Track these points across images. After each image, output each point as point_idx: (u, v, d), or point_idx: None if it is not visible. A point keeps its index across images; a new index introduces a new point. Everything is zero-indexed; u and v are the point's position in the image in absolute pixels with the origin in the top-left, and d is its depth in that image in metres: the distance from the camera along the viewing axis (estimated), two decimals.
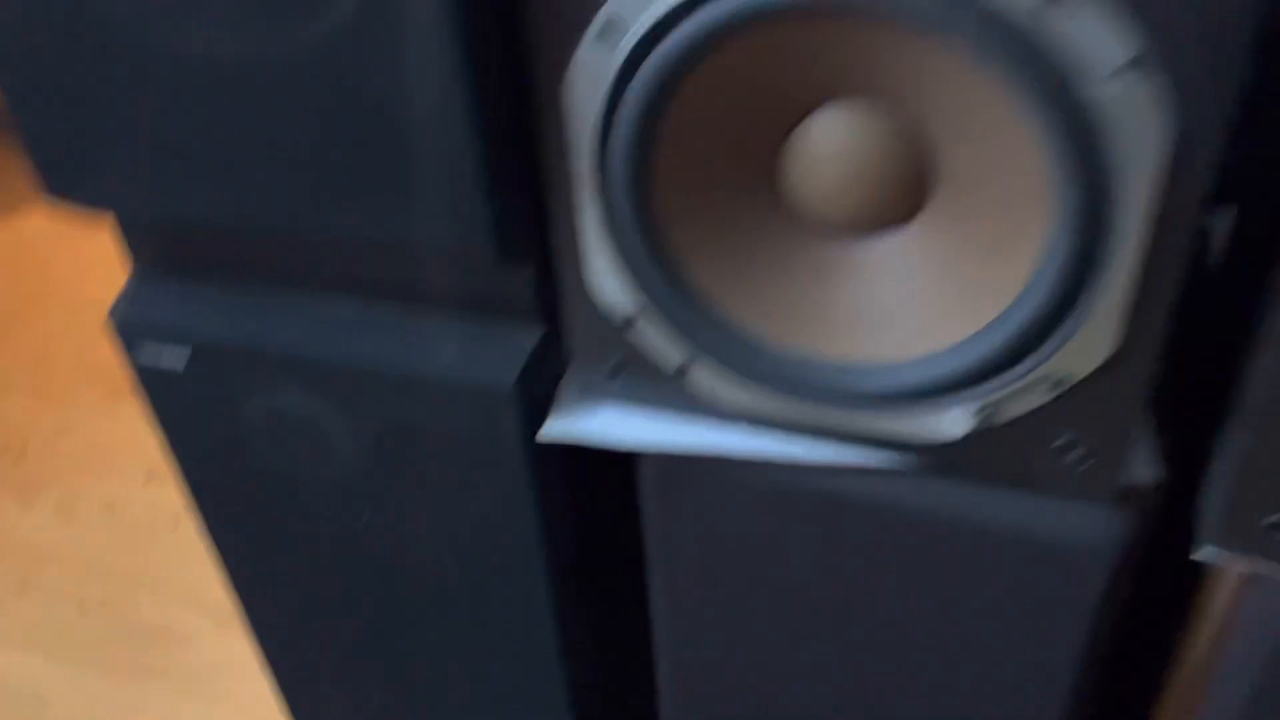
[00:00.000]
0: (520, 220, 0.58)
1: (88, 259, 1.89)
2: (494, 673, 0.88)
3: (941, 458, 0.59)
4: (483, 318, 0.65)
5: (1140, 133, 0.44)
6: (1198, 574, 0.69)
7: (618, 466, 0.70)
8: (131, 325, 0.71)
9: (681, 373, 0.61)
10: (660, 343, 0.60)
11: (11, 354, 1.64)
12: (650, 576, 0.73)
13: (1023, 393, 0.54)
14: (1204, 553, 0.55)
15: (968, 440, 0.57)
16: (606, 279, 0.58)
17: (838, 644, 0.71)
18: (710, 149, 0.54)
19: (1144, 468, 0.58)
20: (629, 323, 0.60)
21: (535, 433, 0.66)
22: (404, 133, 0.54)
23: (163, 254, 0.71)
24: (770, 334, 0.58)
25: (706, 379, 0.60)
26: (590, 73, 0.51)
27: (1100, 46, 0.43)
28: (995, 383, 0.54)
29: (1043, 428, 0.56)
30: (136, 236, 0.70)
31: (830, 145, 0.52)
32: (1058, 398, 0.54)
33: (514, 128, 0.55)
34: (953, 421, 0.57)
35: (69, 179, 0.63)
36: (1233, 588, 0.61)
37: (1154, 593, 0.72)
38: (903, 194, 0.53)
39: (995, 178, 0.50)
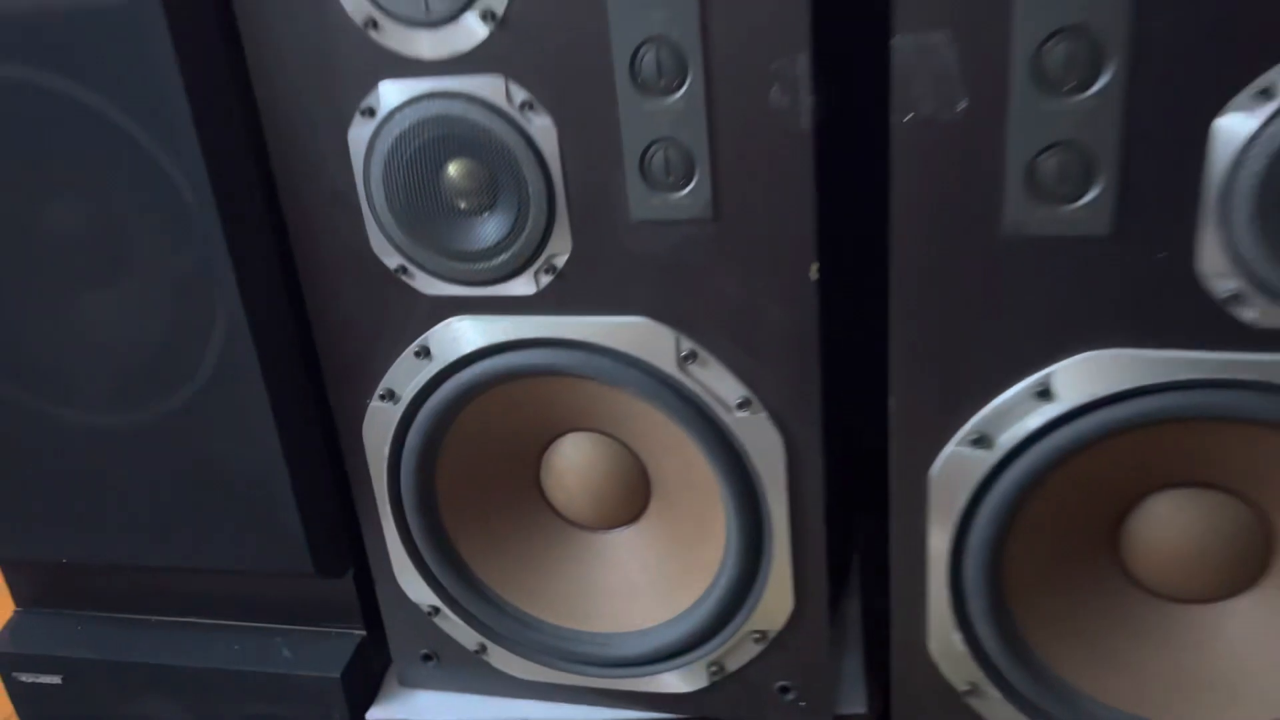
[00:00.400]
0: (334, 544, 0.72)
1: None
2: None
3: (692, 706, 0.71)
4: (315, 623, 0.77)
5: (766, 449, 0.61)
6: None
7: None
8: (10, 658, 0.82)
9: (479, 654, 0.74)
10: (459, 632, 0.73)
11: None
12: None
13: (737, 648, 0.68)
14: None
15: (710, 690, 0.70)
16: (411, 581, 0.72)
17: None
18: (481, 473, 0.70)
19: (853, 701, 0.71)
20: (434, 611, 0.73)
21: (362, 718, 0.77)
22: (234, 482, 0.69)
23: (39, 593, 0.83)
24: (545, 616, 0.72)
25: (499, 658, 0.73)
26: (379, 425, 0.67)
27: (724, 389, 0.60)
28: (715, 641, 0.68)
29: (763, 675, 0.69)
30: (16, 578, 0.82)
31: (571, 463, 0.69)
32: (766, 649, 0.68)
33: (324, 471, 0.71)
34: (693, 676, 0.70)
35: None
36: None
37: None
38: (627, 500, 0.69)
39: (687, 487, 0.66)
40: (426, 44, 0.55)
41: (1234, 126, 0.46)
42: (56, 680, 0.81)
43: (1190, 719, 0.59)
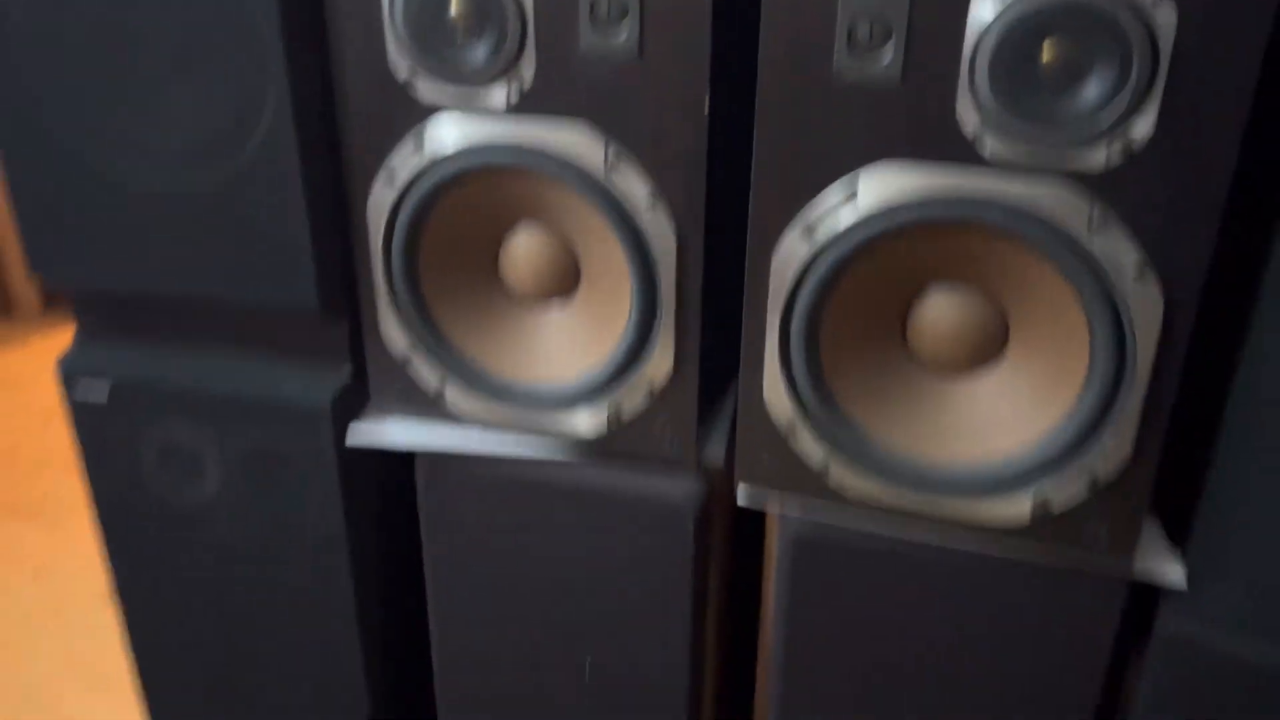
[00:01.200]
0: (335, 291, 0.95)
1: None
2: (308, 663, 1.16)
3: (601, 446, 0.94)
4: (312, 362, 1.00)
5: (663, 240, 0.83)
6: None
7: (406, 475, 1.03)
8: (71, 369, 1.04)
9: (438, 395, 0.96)
10: (426, 373, 0.96)
11: None
12: (425, 562, 1.06)
13: (631, 396, 0.91)
14: (741, 494, 0.91)
15: (611, 433, 0.93)
16: (392, 331, 0.95)
17: (543, 604, 1.03)
18: (454, 250, 0.92)
19: (716, 454, 0.94)
20: (406, 360, 0.96)
21: (344, 446, 1.00)
22: (267, 235, 0.91)
23: (95, 323, 1.05)
24: (491, 368, 0.95)
25: (454, 398, 0.96)
26: (379, 201, 0.89)
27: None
28: (615, 388, 0.91)
29: (647, 421, 0.92)
30: (83, 307, 1.04)
31: (520, 248, 0.91)
32: (652, 401, 0.91)
33: (334, 237, 0.93)
34: (597, 418, 0.93)
35: (45, 262, 0.98)
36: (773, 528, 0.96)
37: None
38: (560, 280, 0.91)
39: (606, 271, 0.88)
40: None
41: (981, 14, 0.69)
42: (103, 401, 1.03)
43: (946, 455, 0.83)
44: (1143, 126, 0.68)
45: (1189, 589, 0.82)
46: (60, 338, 2.52)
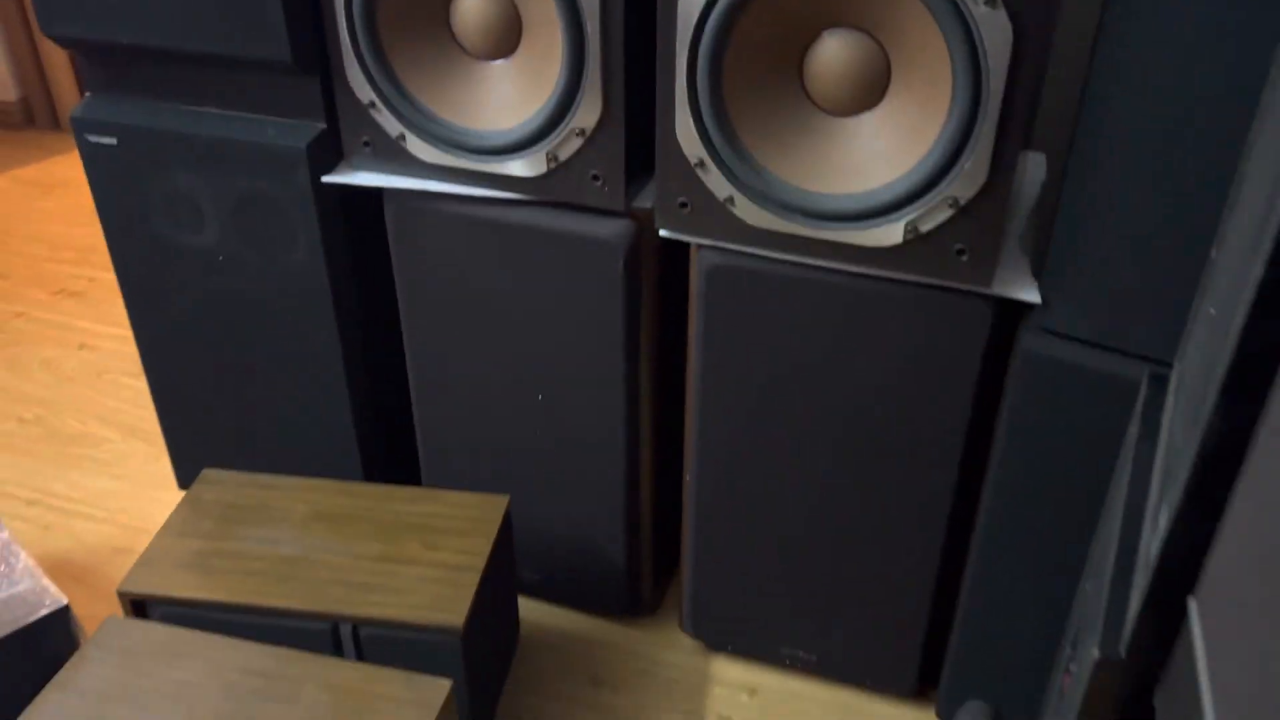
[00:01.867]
0: (306, 47, 1.06)
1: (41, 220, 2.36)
2: (305, 407, 1.32)
3: (535, 188, 1.06)
4: (291, 114, 1.12)
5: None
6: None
7: (378, 224, 1.16)
8: (82, 122, 1.17)
9: (401, 141, 1.08)
10: (388, 122, 1.07)
11: None
12: (399, 296, 1.19)
13: (565, 145, 1.02)
14: (661, 229, 1.03)
15: (547, 176, 1.04)
16: (358, 80, 1.06)
17: (499, 338, 1.17)
18: (407, 2, 1.02)
19: (645, 197, 1.06)
20: (371, 106, 1.07)
21: (321, 185, 1.12)
22: None
23: (102, 79, 1.17)
24: (446, 115, 1.06)
25: (415, 146, 1.08)
26: None
27: None
28: (550, 138, 1.02)
29: (585, 159, 1.03)
30: (90, 65, 1.16)
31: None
32: (584, 145, 1.01)
33: (302, 4, 1.03)
34: (536, 164, 1.04)
35: (51, 20, 1.10)
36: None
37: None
38: (508, 34, 1.01)
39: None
40: None
41: None
42: (113, 141, 1.17)
43: (834, 188, 0.93)
44: None
45: (1043, 306, 0.93)
46: None
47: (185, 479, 1.46)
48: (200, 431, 1.41)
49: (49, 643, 1.09)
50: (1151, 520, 0.66)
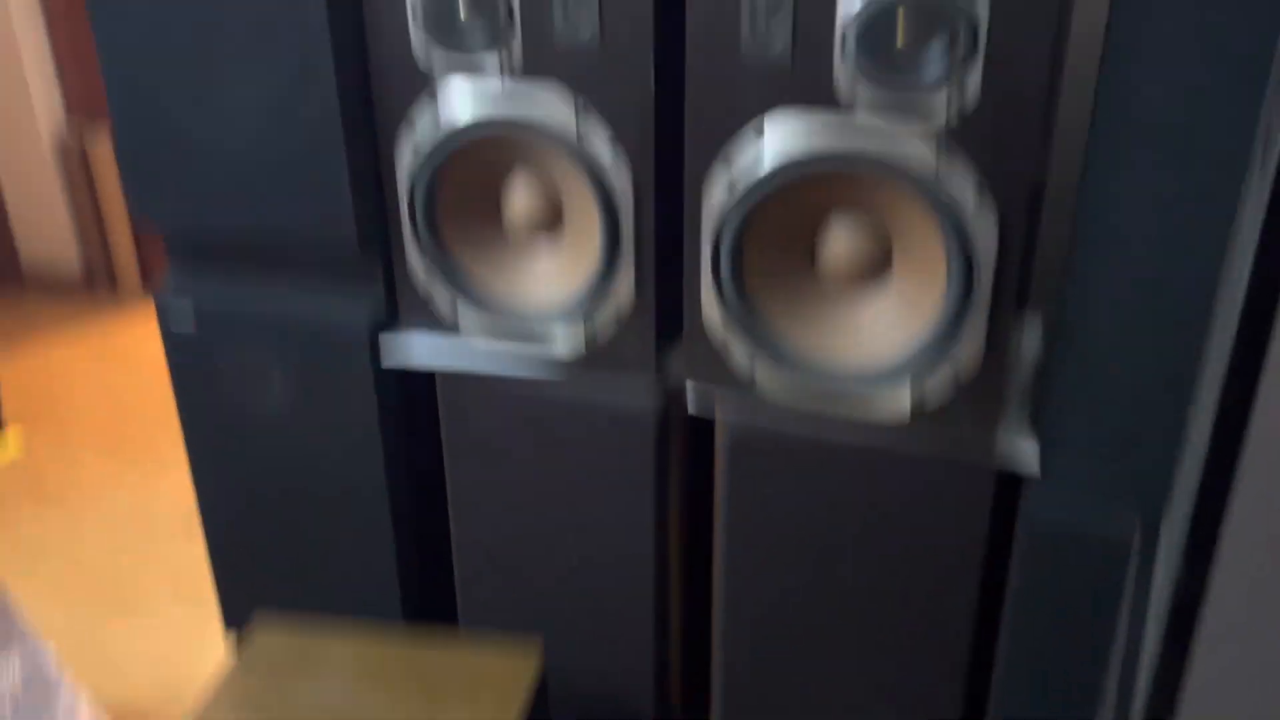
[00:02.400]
0: (370, 231, 1.19)
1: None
2: (351, 564, 1.40)
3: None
4: (356, 289, 1.24)
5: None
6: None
7: (430, 393, 1.27)
8: (165, 311, 1.30)
9: (453, 312, 1.20)
10: (442, 297, 1.19)
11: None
12: (445, 462, 1.29)
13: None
14: (690, 400, 1.12)
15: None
16: (416, 261, 1.18)
17: (538, 501, 1.26)
18: (464, 193, 1.15)
19: (645, 356, 1.16)
20: (428, 285, 1.19)
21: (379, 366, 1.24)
22: (314, 179, 1.15)
23: (180, 254, 1.30)
24: (496, 291, 1.18)
25: (465, 317, 1.19)
26: (404, 157, 1.13)
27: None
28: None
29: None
30: (173, 245, 1.30)
31: (519, 195, 1.13)
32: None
33: (369, 185, 1.17)
34: (576, 338, 1.15)
35: (141, 205, 1.24)
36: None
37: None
38: (548, 214, 1.14)
39: (582, 212, 1.10)
40: None
41: (850, 7, 0.89)
42: (189, 330, 1.29)
43: (844, 355, 1.04)
44: (972, 88, 0.88)
45: (1041, 473, 1.01)
46: None
47: (231, 618, 1.53)
48: (249, 580, 1.49)
49: None
50: (1148, 664, 0.72)
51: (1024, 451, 1.03)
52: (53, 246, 3.00)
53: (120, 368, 2.58)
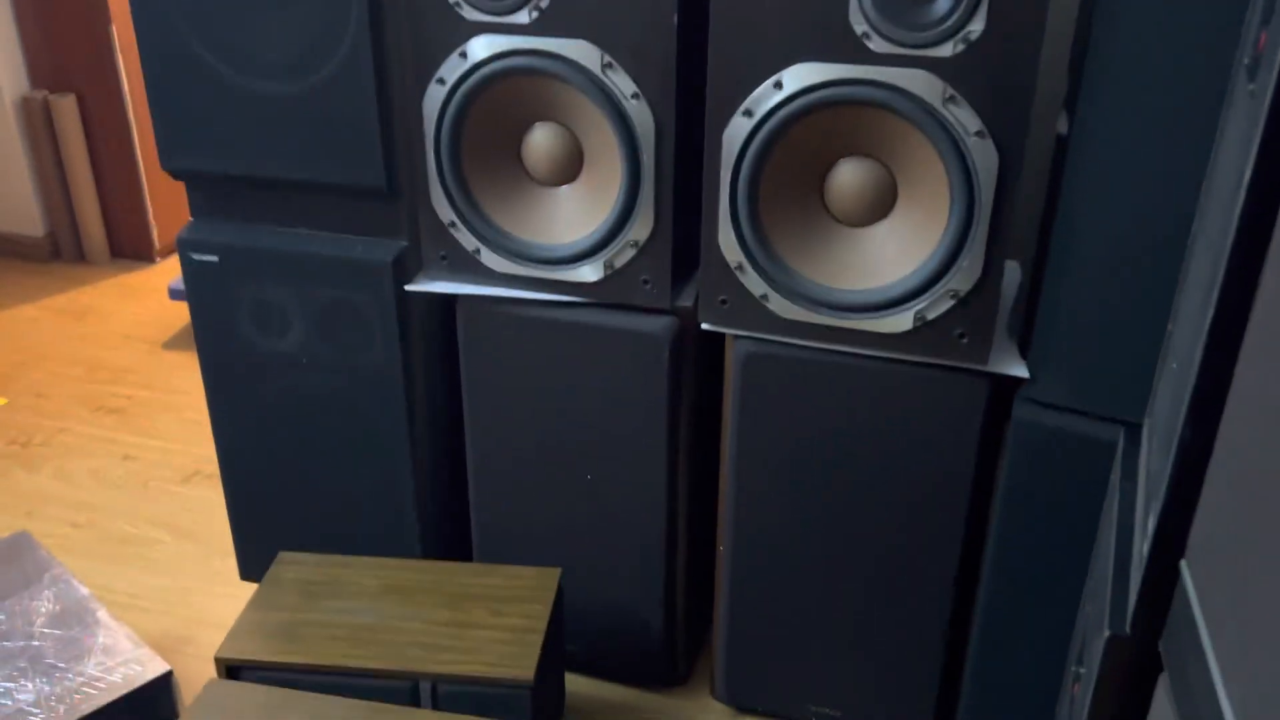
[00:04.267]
0: (397, 174, 1.24)
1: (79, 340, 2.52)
2: (371, 497, 1.46)
3: (597, 291, 1.23)
4: (378, 234, 1.29)
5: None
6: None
7: (449, 325, 1.32)
8: (188, 243, 1.34)
9: (476, 254, 1.26)
10: (464, 237, 1.25)
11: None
12: (463, 389, 1.35)
13: (620, 254, 1.20)
14: (703, 322, 1.20)
15: (605, 280, 1.22)
16: (440, 203, 1.24)
17: (555, 423, 1.32)
18: (487, 138, 1.21)
19: (689, 297, 1.23)
20: (452, 225, 1.25)
21: (403, 293, 1.29)
22: (349, 128, 1.20)
23: (204, 206, 1.34)
24: (514, 231, 1.24)
25: (489, 259, 1.25)
26: (432, 100, 1.18)
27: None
28: (609, 248, 1.20)
29: (634, 271, 1.21)
30: (195, 193, 1.34)
31: (538, 140, 1.20)
32: (637, 255, 1.19)
33: (396, 131, 1.22)
34: (596, 269, 1.22)
35: (171, 152, 1.28)
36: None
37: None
38: (568, 163, 1.20)
39: (604, 154, 1.17)
40: None
41: None
42: (215, 259, 1.33)
43: (852, 285, 1.11)
44: (976, 27, 0.97)
45: (1031, 380, 1.10)
46: (125, 277, 2.84)
47: (248, 568, 1.57)
48: (267, 519, 1.53)
49: (154, 706, 1.19)
50: (1141, 529, 0.82)
51: (1014, 361, 1.12)
52: (18, 217, 2.98)
53: (93, 328, 2.59)
